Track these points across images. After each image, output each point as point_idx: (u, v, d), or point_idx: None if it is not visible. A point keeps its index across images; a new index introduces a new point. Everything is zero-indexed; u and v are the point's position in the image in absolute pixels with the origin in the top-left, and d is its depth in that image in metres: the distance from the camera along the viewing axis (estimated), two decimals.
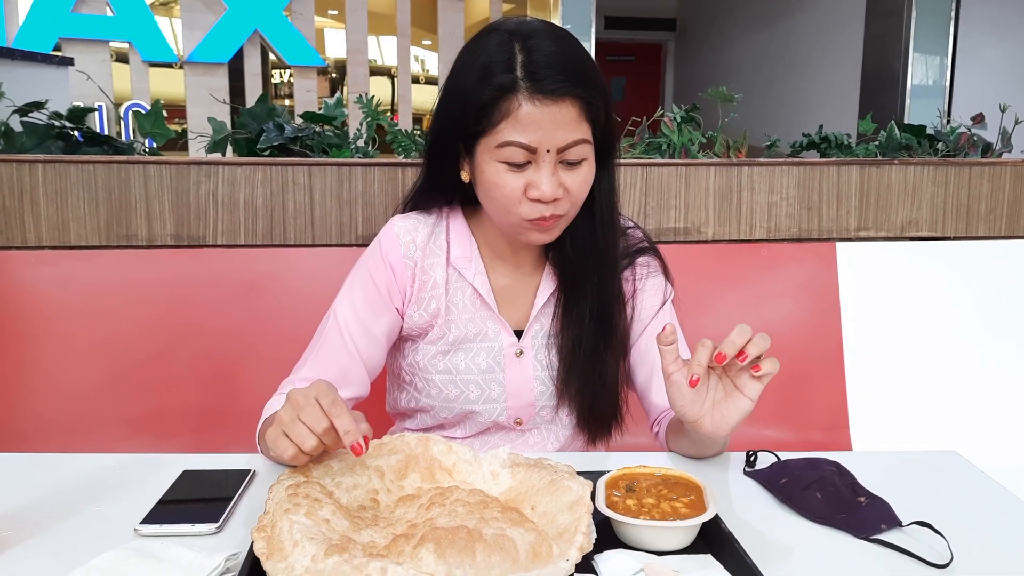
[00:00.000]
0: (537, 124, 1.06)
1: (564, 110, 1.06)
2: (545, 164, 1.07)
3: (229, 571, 0.82)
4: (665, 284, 1.30)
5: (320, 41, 5.56)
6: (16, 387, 1.64)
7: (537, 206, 1.09)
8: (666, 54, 9.94)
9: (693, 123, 2.00)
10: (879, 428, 1.82)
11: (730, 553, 0.84)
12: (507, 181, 1.09)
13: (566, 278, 1.23)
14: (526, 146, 1.06)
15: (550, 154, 1.07)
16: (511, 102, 1.06)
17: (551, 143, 1.07)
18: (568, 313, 1.23)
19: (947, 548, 0.87)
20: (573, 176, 1.10)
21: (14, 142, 1.79)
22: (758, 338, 0.97)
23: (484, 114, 1.07)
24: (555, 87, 1.05)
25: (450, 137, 1.13)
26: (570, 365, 1.23)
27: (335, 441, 0.92)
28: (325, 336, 1.23)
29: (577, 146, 1.08)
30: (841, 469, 1.05)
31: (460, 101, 1.10)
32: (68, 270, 1.69)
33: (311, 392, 0.92)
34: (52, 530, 0.92)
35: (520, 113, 1.05)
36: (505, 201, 1.10)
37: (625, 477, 0.97)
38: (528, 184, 1.09)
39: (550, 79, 1.05)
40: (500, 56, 1.07)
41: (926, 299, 1.91)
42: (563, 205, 1.11)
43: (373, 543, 0.83)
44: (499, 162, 1.08)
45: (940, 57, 5.31)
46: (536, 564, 0.79)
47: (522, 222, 1.12)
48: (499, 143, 1.07)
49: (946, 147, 2.06)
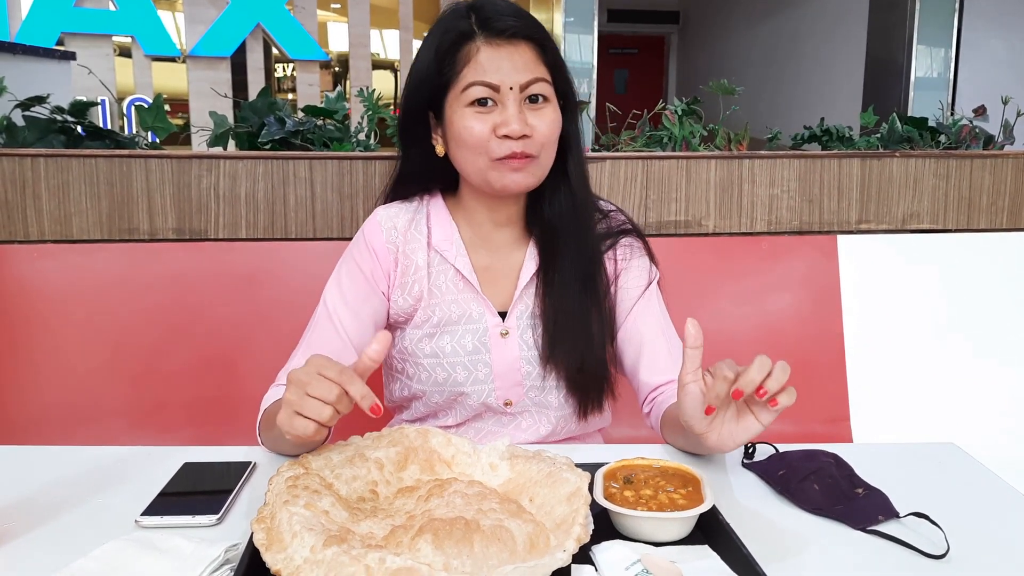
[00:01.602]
0: (497, 65, 1.14)
1: (520, 50, 1.15)
2: (510, 102, 1.14)
3: (229, 562, 0.83)
4: (650, 265, 1.31)
5: (323, 35, 5.57)
6: (18, 380, 1.65)
7: (506, 142, 1.14)
8: (669, 47, 9.92)
9: (694, 116, 2.00)
10: (880, 420, 1.82)
11: (727, 544, 0.85)
12: (475, 124, 1.15)
13: (547, 247, 1.26)
14: (489, 83, 1.14)
15: (513, 91, 1.14)
16: (470, 48, 1.15)
17: (512, 80, 1.14)
18: (550, 282, 1.25)
19: (944, 539, 0.87)
20: (539, 117, 1.16)
21: (16, 136, 1.79)
22: (778, 371, 0.94)
23: (447, 65, 1.16)
24: (507, 28, 1.15)
25: (418, 109, 1.21)
26: (554, 331, 1.24)
27: (348, 406, 0.92)
28: (316, 324, 1.26)
29: (537, 83, 1.16)
30: (839, 461, 1.05)
31: (423, 69, 1.19)
32: (70, 264, 1.69)
33: (311, 368, 0.92)
34: (54, 522, 0.93)
35: (480, 57, 1.15)
36: (475, 143, 1.15)
37: (623, 469, 0.98)
38: (496, 125, 1.15)
39: (502, 22, 1.15)
40: (454, 18, 1.17)
41: (927, 291, 1.91)
42: (533, 145, 1.16)
43: (372, 534, 0.84)
44: (467, 107, 1.15)
45: (944, 49, 5.30)
46: (534, 555, 0.80)
47: (495, 163, 1.16)
48: (463, 87, 1.15)
49: (948, 139, 2.06)
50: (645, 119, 2.03)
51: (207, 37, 5.11)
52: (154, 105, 1.96)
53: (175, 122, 1.98)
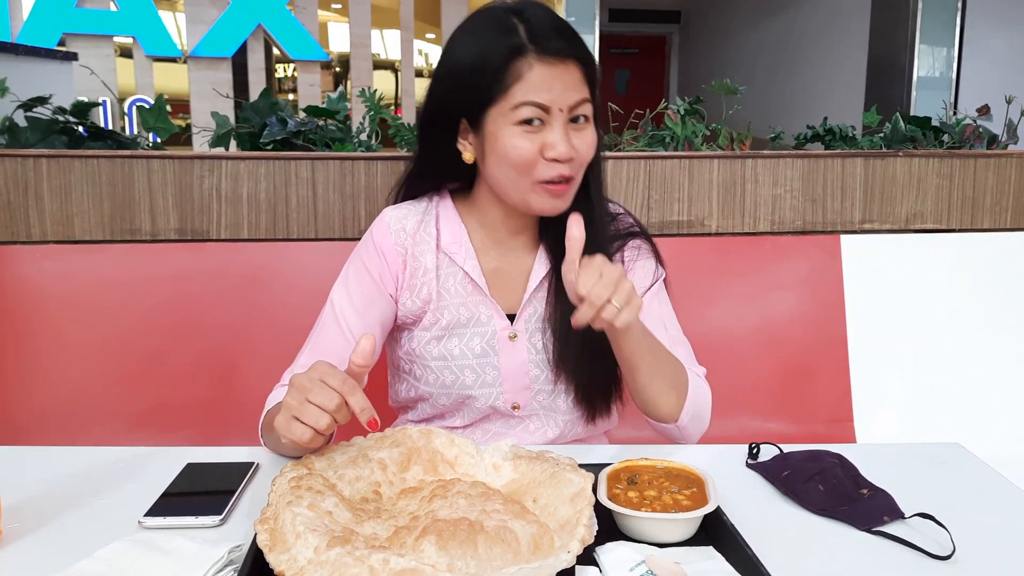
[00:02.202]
0: (548, 85, 1.11)
1: (569, 71, 1.12)
2: (557, 124, 1.12)
3: (232, 563, 0.83)
4: (656, 266, 1.31)
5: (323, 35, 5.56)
6: (21, 381, 1.64)
7: (554, 165, 1.13)
8: (670, 47, 9.92)
9: (697, 116, 2.00)
10: (883, 420, 1.82)
11: (732, 545, 0.85)
12: (523, 143, 1.12)
13: (560, 250, 1.24)
14: (541, 104, 1.11)
15: (562, 113, 1.12)
16: (522, 65, 1.11)
17: (562, 102, 1.12)
18: (562, 290, 1.23)
19: (949, 540, 0.87)
20: (581, 138, 1.15)
21: (18, 137, 1.79)
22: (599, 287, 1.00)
23: (496, 80, 1.12)
24: (559, 48, 1.11)
25: (449, 116, 1.18)
26: (565, 340, 1.23)
27: (346, 417, 0.93)
28: (322, 326, 1.25)
29: (583, 104, 1.14)
30: (843, 461, 1.05)
31: (464, 75, 1.14)
32: (72, 265, 1.69)
33: (314, 374, 0.93)
34: (57, 522, 0.93)
35: (532, 74, 1.11)
36: (523, 163, 1.13)
37: (627, 470, 0.97)
38: (543, 145, 1.12)
39: (554, 41, 1.11)
40: (502, 28, 1.13)
41: (931, 291, 1.91)
42: (573, 167, 1.15)
43: (375, 535, 0.84)
44: (514, 125, 1.12)
45: (946, 49, 5.29)
46: (537, 556, 0.79)
47: (537, 187, 1.15)
48: (514, 105, 1.11)
49: (951, 139, 2.05)
50: (648, 119, 2.02)
51: (208, 37, 5.11)
52: (156, 106, 1.95)
53: (176, 123, 1.98)
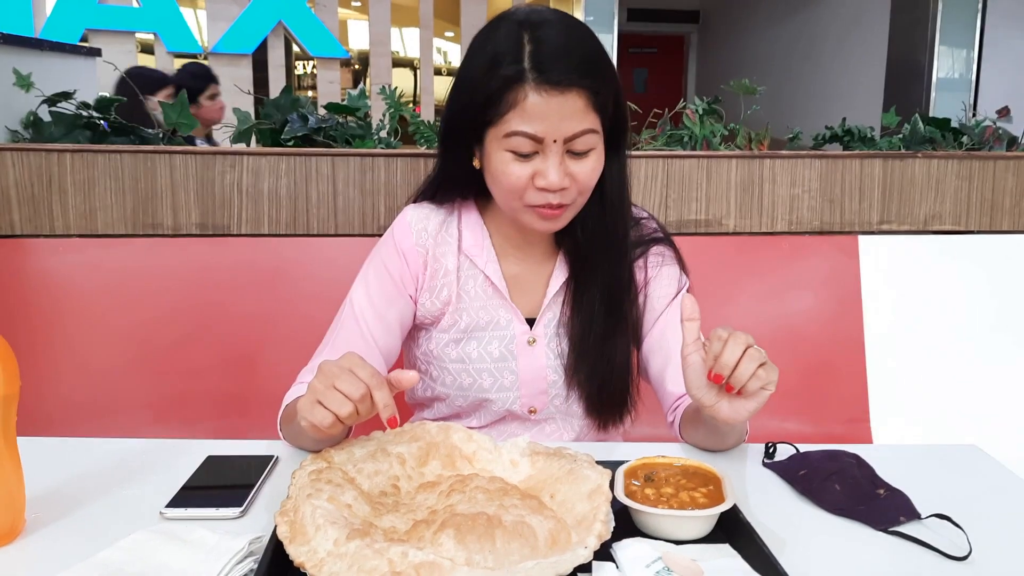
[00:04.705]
0: (544, 115, 1.06)
1: (571, 101, 1.06)
2: (552, 154, 1.08)
3: (252, 554, 0.84)
4: (680, 274, 1.29)
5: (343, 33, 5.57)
6: (45, 373, 1.66)
7: (543, 194, 1.10)
8: (688, 46, 9.87)
9: (715, 115, 2.00)
10: (900, 422, 1.81)
11: (748, 543, 0.85)
12: (514, 170, 1.09)
13: (576, 265, 1.23)
14: (532, 136, 1.07)
15: (557, 144, 1.08)
16: (518, 92, 1.06)
17: (557, 133, 1.07)
18: (578, 299, 1.23)
19: (966, 541, 0.87)
20: (581, 166, 1.10)
21: (43, 131, 1.81)
22: (746, 362, 0.95)
23: (491, 104, 1.08)
24: (561, 78, 1.05)
25: (462, 124, 1.14)
26: (579, 350, 1.23)
27: (369, 411, 0.93)
28: (341, 324, 1.25)
29: (584, 136, 1.08)
30: (860, 461, 1.05)
31: (469, 89, 1.11)
32: (94, 258, 1.71)
33: (344, 363, 0.93)
34: (80, 512, 0.94)
35: (527, 104, 1.06)
36: (511, 189, 1.11)
37: (644, 467, 0.98)
38: (535, 173, 1.09)
39: (557, 70, 1.05)
40: (508, 46, 1.07)
41: (949, 293, 1.90)
42: (570, 194, 1.12)
43: (394, 528, 0.85)
44: (506, 151, 1.09)
45: (966, 51, 5.24)
46: (555, 551, 0.80)
47: (527, 209, 1.13)
48: (506, 133, 1.08)
49: (971, 140, 2.04)
50: (666, 118, 2.02)
51: (229, 34, 5.12)
52: (178, 102, 1.97)
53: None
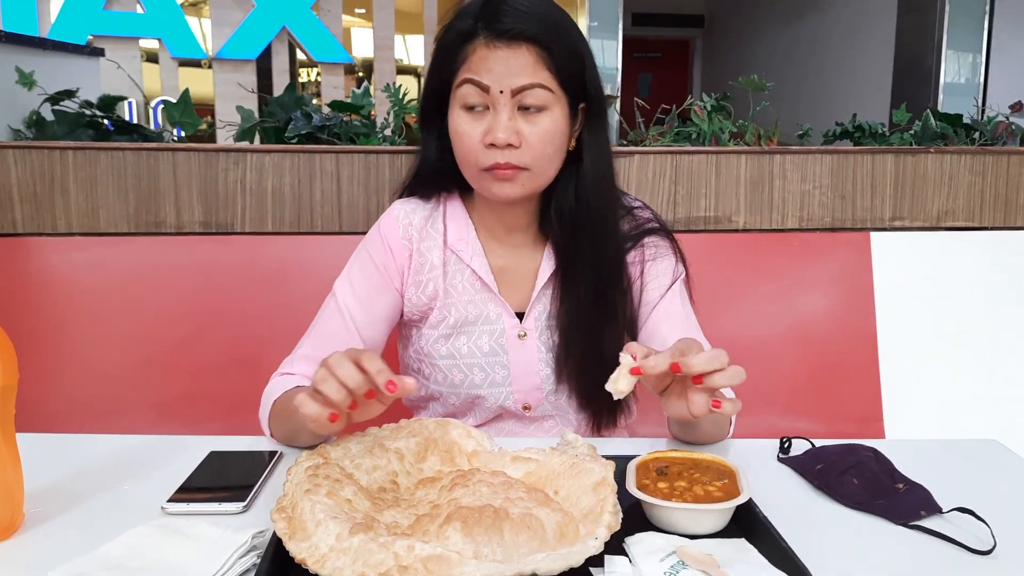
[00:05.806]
0: (490, 65, 1.09)
1: (519, 54, 1.09)
2: (501, 108, 1.09)
3: (256, 548, 0.82)
4: (675, 264, 1.26)
5: (347, 40, 5.57)
6: (48, 370, 1.65)
7: (492, 152, 1.10)
8: (694, 50, 9.87)
9: (723, 112, 1.98)
10: (913, 420, 1.79)
11: (765, 537, 0.82)
12: (466, 128, 1.11)
13: (563, 254, 1.21)
14: (479, 83, 1.09)
15: (504, 95, 1.09)
16: (469, 46, 1.10)
17: (504, 84, 1.09)
18: (566, 289, 1.21)
19: (990, 535, 0.84)
20: (533, 126, 1.10)
21: (46, 130, 1.80)
22: (731, 372, 0.92)
23: (448, 61, 1.12)
24: (508, 29, 1.08)
25: (432, 95, 1.18)
26: (568, 341, 1.21)
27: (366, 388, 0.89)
28: (324, 315, 1.24)
29: (533, 89, 1.09)
30: (878, 455, 1.03)
31: (435, 55, 1.16)
32: (97, 257, 1.70)
33: (349, 353, 0.90)
34: (82, 507, 0.93)
35: (476, 56, 1.10)
36: (465, 150, 1.12)
37: (656, 461, 0.95)
38: (486, 130, 1.10)
39: (505, 23, 1.08)
40: (467, 7, 1.13)
41: (962, 290, 1.87)
42: (522, 155, 1.11)
43: (396, 523, 0.83)
44: (461, 109, 1.12)
45: (973, 53, 5.22)
46: (563, 544, 0.78)
47: (483, 174, 1.13)
48: (457, 83, 1.12)
49: (983, 136, 2.02)
50: (674, 114, 2.00)
51: (233, 39, 5.13)
52: (181, 100, 1.96)
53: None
